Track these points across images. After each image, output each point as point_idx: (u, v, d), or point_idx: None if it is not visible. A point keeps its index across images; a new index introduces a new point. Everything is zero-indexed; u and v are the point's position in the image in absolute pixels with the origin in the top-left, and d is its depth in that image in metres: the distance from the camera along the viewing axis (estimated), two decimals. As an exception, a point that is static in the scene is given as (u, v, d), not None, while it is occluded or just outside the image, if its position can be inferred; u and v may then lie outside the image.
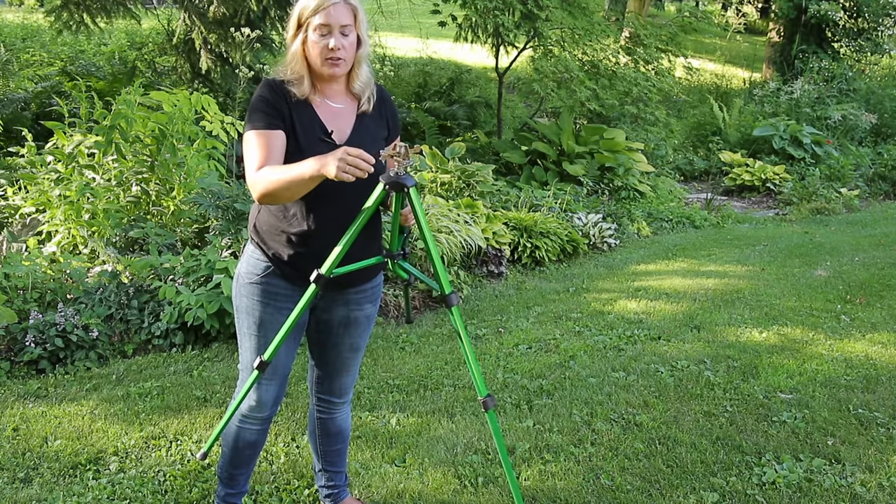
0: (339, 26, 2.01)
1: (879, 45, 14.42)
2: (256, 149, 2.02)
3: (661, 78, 9.07)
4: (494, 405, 2.11)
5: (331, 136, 2.09)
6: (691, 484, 2.78)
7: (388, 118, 2.24)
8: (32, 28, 11.53)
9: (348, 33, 2.04)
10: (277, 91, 2.06)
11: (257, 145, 2.02)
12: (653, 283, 5.52)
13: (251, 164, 2.02)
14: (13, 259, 4.15)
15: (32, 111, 7.28)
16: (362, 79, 2.13)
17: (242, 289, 2.19)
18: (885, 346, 4.16)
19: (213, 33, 6.60)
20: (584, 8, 8.30)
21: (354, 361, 2.39)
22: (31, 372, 3.77)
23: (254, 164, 2.01)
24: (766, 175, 9.56)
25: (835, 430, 3.18)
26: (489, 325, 4.60)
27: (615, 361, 3.96)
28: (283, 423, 3.22)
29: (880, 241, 6.96)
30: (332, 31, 2.01)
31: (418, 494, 2.72)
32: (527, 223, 6.05)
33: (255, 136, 2.03)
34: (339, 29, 2.02)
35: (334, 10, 2.00)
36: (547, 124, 9.01)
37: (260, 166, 1.99)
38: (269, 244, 2.14)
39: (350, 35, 2.04)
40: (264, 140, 2.02)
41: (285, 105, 2.05)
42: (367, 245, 2.21)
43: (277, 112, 2.04)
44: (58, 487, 2.74)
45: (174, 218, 4.97)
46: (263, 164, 1.99)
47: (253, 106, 2.06)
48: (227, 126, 5.19)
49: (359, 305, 2.29)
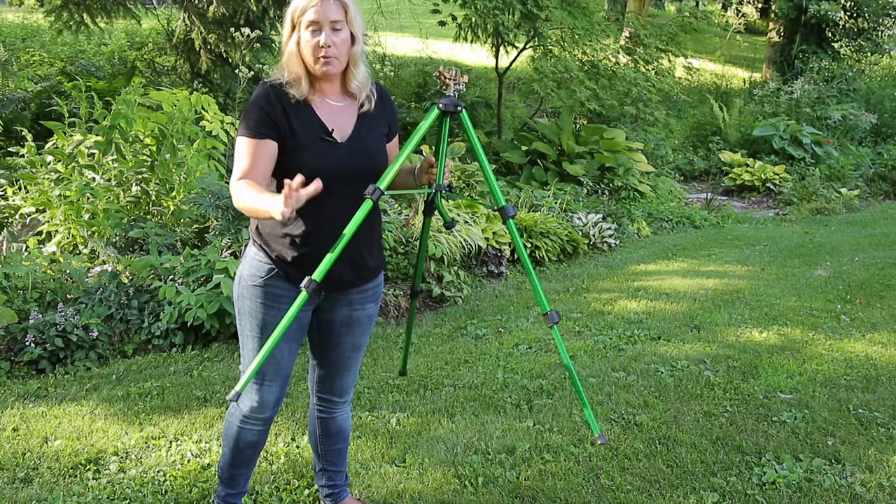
0: (328, 22, 2.00)
1: (879, 45, 14.43)
2: (241, 157, 2.04)
3: (661, 78, 9.07)
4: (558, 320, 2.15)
5: (332, 134, 2.09)
6: (691, 484, 2.78)
7: (388, 115, 2.23)
8: (32, 28, 11.52)
9: (340, 29, 2.02)
10: (273, 96, 2.05)
11: (243, 153, 2.04)
12: (653, 283, 5.52)
13: (235, 170, 2.05)
14: (13, 259, 4.15)
15: (32, 111, 7.27)
16: (359, 78, 2.11)
17: (245, 291, 2.18)
18: (885, 346, 4.16)
19: (212, 33, 6.61)
20: (584, 8, 8.29)
21: (356, 361, 2.39)
22: (31, 372, 3.77)
23: (236, 173, 2.04)
24: (766, 175, 9.56)
25: (835, 430, 3.18)
26: (489, 325, 4.60)
27: (615, 361, 3.96)
28: (283, 423, 3.22)
29: (880, 241, 6.96)
30: (322, 28, 2.00)
31: (418, 494, 2.72)
32: (527, 223, 6.05)
33: (243, 143, 2.05)
34: (329, 25, 2.00)
35: (323, 7, 1.99)
36: (547, 124, 9.01)
37: (241, 176, 2.02)
38: (272, 246, 2.13)
39: (342, 32, 2.03)
40: (250, 149, 2.03)
41: (280, 110, 2.04)
42: (368, 245, 2.21)
43: (269, 120, 2.03)
44: (58, 487, 2.74)
45: (174, 218, 4.97)
46: (245, 175, 2.02)
47: (246, 111, 2.07)
48: (227, 126, 5.19)
49: (361, 305, 2.29)
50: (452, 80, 2.08)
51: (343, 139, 2.10)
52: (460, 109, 2.07)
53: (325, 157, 2.06)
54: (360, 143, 2.12)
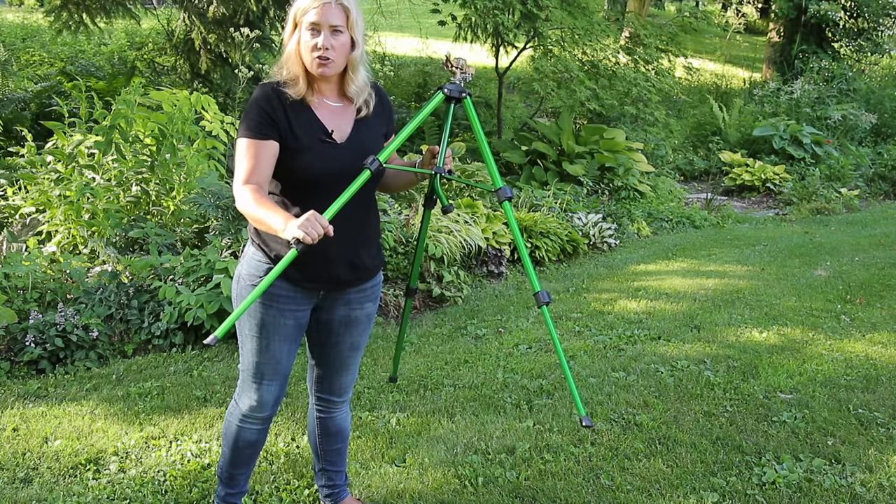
0: (328, 26, 2.00)
1: (879, 45, 14.42)
2: (244, 158, 2.04)
3: (661, 78, 9.07)
4: (549, 300, 2.11)
5: (331, 135, 2.09)
6: (691, 484, 2.78)
7: (387, 116, 2.24)
8: (32, 28, 11.52)
9: (340, 32, 2.03)
10: (272, 95, 2.05)
11: (246, 155, 2.04)
12: (653, 283, 5.52)
13: (238, 173, 2.04)
14: (13, 259, 4.15)
15: (32, 111, 7.27)
16: (357, 83, 2.11)
17: (243, 290, 2.18)
18: (885, 346, 4.16)
19: (212, 33, 6.61)
20: (584, 8, 8.29)
21: (355, 360, 2.39)
22: (31, 372, 3.77)
23: (240, 176, 2.03)
24: (766, 175, 9.56)
25: (835, 430, 3.18)
26: (489, 325, 4.60)
27: (615, 361, 3.96)
28: (283, 423, 3.22)
29: (880, 241, 6.96)
30: (322, 30, 2.01)
31: (418, 494, 2.72)
32: (527, 223, 6.05)
33: (245, 144, 2.04)
34: (328, 28, 2.00)
35: (325, 9, 1.99)
36: (547, 124, 9.01)
37: (246, 179, 2.02)
38: (270, 246, 2.13)
39: (341, 36, 2.03)
40: (253, 150, 2.03)
41: (281, 111, 2.04)
42: (366, 245, 2.21)
43: (270, 120, 2.03)
44: (58, 487, 2.74)
45: (174, 218, 4.97)
46: (249, 178, 2.02)
47: (247, 111, 2.07)
48: (227, 126, 5.19)
49: (360, 304, 2.29)
50: (459, 69, 2.09)
51: (342, 140, 2.11)
52: (465, 96, 2.09)
53: (325, 158, 2.07)
54: (359, 144, 2.12)
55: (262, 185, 2.02)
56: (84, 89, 5.44)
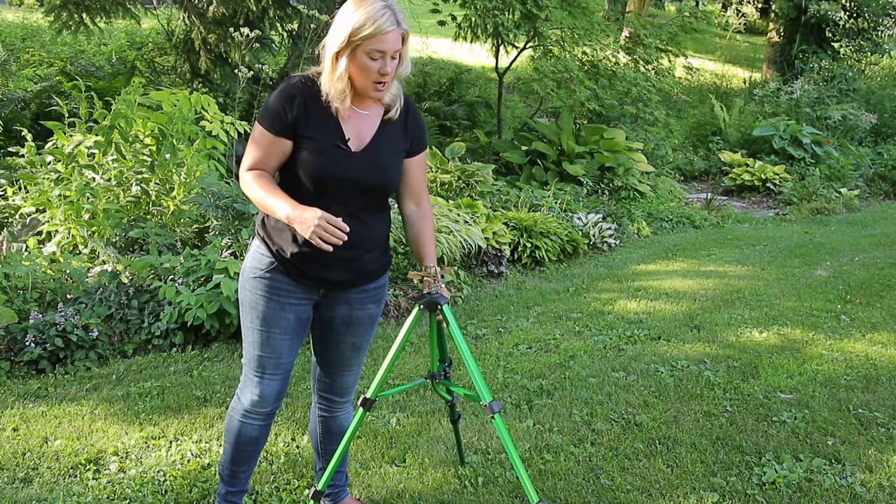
0: (392, 52, 2.00)
1: (879, 45, 14.43)
2: (255, 146, 2.11)
3: (661, 78, 9.07)
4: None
5: (347, 142, 2.09)
6: (691, 484, 2.78)
7: (412, 131, 2.21)
8: (32, 28, 11.52)
9: (397, 57, 2.03)
10: (296, 95, 2.06)
11: (257, 144, 2.11)
12: (653, 283, 5.52)
13: (246, 157, 2.13)
14: (13, 259, 4.15)
15: (32, 111, 7.27)
16: (393, 91, 2.13)
17: (247, 283, 2.21)
18: (885, 346, 4.16)
19: (212, 33, 6.60)
20: (584, 8, 8.30)
21: (357, 361, 2.40)
22: (31, 372, 3.77)
23: (247, 161, 2.12)
24: (766, 175, 9.56)
25: (835, 430, 3.18)
26: (489, 325, 4.60)
27: (615, 361, 3.96)
28: (284, 423, 3.22)
29: (880, 241, 6.96)
30: (385, 57, 2.00)
31: (418, 494, 2.72)
32: (527, 223, 6.05)
33: (259, 133, 2.10)
34: (391, 54, 2.00)
35: (391, 37, 1.98)
36: (547, 124, 9.01)
37: (251, 166, 2.11)
38: (274, 240, 2.15)
39: (398, 59, 2.04)
40: (265, 141, 2.09)
41: (302, 111, 2.05)
42: (372, 251, 2.21)
43: (285, 119, 2.05)
44: (58, 487, 2.74)
45: (174, 218, 4.97)
46: (254, 165, 2.11)
47: (269, 102, 2.10)
48: (227, 126, 5.18)
49: (361, 305, 2.29)
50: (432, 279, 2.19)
51: (358, 148, 2.11)
52: (440, 306, 2.17)
53: (335, 164, 2.07)
54: (374, 155, 2.12)
55: (266, 174, 2.09)
56: (84, 89, 5.44)
